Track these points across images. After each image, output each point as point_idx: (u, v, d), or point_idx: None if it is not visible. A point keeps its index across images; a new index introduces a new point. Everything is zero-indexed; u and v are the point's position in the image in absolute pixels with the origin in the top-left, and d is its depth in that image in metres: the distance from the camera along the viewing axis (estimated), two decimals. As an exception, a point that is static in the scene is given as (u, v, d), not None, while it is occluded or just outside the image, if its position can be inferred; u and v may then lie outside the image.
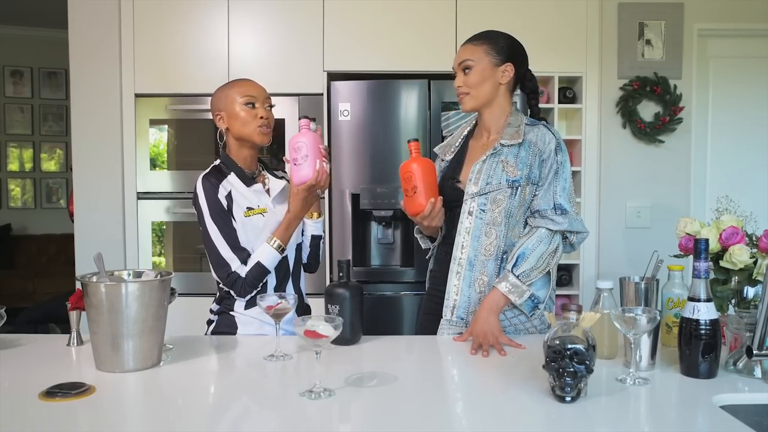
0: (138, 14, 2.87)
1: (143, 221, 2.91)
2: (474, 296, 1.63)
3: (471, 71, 1.64)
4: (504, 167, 1.61)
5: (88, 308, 1.32)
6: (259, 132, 1.65)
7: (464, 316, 1.63)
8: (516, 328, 1.62)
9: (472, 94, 1.65)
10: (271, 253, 1.61)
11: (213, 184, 1.63)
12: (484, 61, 1.64)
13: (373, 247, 2.90)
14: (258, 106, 1.66)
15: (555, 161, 1.61)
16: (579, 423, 1.06)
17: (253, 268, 1.60)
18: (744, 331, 1.32)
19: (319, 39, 2.87)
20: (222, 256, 1.60)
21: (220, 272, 1.61)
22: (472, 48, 1.66)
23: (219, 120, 1.68)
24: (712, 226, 1.52)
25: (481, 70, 1.64)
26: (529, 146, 1.62)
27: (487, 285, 1.62)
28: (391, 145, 2.82)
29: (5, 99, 6.31)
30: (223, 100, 1.67)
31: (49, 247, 6.25)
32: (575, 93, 3.00)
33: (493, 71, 1.64)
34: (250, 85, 1.68)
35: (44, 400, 1.14)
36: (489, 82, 1.64)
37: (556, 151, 1.61)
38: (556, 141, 1.62)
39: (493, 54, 1.64)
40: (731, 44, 3.12)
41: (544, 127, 1.64)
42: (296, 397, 1.16)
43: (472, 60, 1.64)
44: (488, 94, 1.65)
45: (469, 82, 1.64)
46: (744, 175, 3.13)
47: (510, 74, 1.65)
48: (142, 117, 2.91)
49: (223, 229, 1.60)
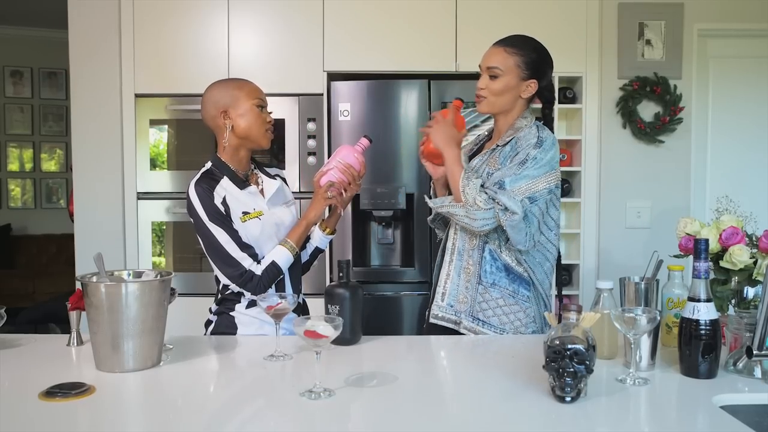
0: (138, 14, 2.87)
1: (143, 221, 2.91)
2: (462, 284, 1.67)
3: (497, 79, 1.65)
4: (489, 162, 1.66)
5: (88, 308, 1.32)
6: (266, 136, 1.68)
7: (453, 304, 1.67)
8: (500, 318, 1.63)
9: (490, 100, 1.67)
10: (285, 254, 1.63)
11: (206, 189, 1.60)
12: (513, 73, 1.64)
13: (373, 247, 2.90)
14: (265, 110, 1.68)
15: (526, 153, 1.59)
16: (579, 423, 1.06)
17: (269, 266, 1.60)
18: (744, 332, 1.32)
19: (320, 39, 2.87)
20: (232, 256, 1.58)
21: (231, 272, 1.59)
22: (505, 56, 1.65)
23: (223, 118, 1.64)
24: (712, 227, 1.52)
25: (507, 82, 1.64)
26: (515, 143, 1.64)
27: (473, 275, 1.66)
28: (391, 146, 2.82)
29: (5, 99, 6.32)
30: (228, 98, 1.64)
31: (49, 247, 6.25)
32: (575, 93, 3.00)
33: (518, 84, 1.65)
34: (257, 88, 1.69)
35: (44, 400, 1.14)
36: (511, 94, 1.66)
37: (535, 145, 1.60)
38: (538, 139, 1.61)
39: (523, 68, 1.64)
40: (731, 44, 3.12)
41: (535, 128, 1.65)
42: (296, 397, 1.16)
43: (501, 69, 1.64)
44: (506, 104, 1.67)
45: (493, 88, 1.65)
46: (744, 175, 3.13)
47: (532, 90, 1.67)
48: (142, 117, 2.91)
49: (226, 229, 1.59)
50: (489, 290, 1.64)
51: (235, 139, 1.65)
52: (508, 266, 1.65)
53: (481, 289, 1.65)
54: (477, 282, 1.66)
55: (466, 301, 1.66)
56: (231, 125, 1.64)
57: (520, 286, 1.65)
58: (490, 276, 1.65)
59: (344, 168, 1.68)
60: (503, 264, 1.65)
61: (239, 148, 1.67)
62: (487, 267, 1.65)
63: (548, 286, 1.71)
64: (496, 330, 1.63)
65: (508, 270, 1.65)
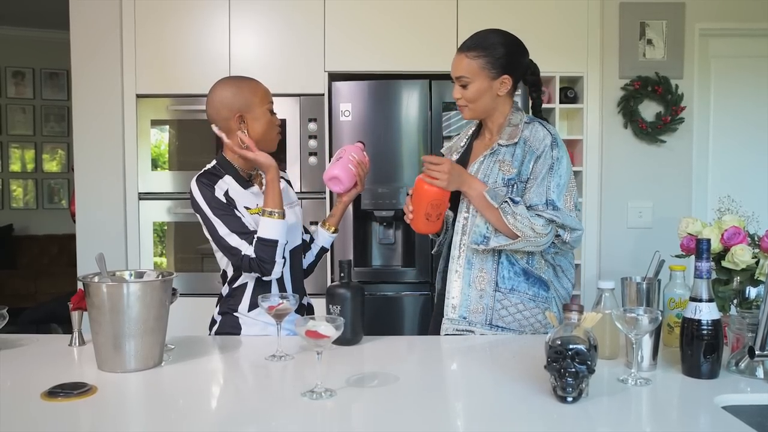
0: (139, 15, 2.87)
1: (144, 221, 2.92)
2: (474, 294, 1.62)
3: (468, 87, 1.63)
4: (500, 166, 1.62)
5: (90, 308, 1.32)
6: (276, 140, 1.70)
7: (466, 315, 1.63)
8: (520, 323, 1.62)
9: (471, 107, 1.66)
10: (267, 223, 1.57)
11: (207, 184, 1.61)
12: (480, 76, 1.62)
13: (374, 247, 2.90)
14: (274, 113, 1.69)
15: (550, 156, 1.59)
16: (580, 423, 1.06)
17: (256, 244, 1.57)
18: (746, 332, 1.32)
19: (321, 39, 2.87)
20: (232, 245, 1.57)
21: (234, 261, 1.59)
22: (468, 61, 1.62)
23: (238, 122, 1.63)
24: (714, 226, 1.51)
25: (478, 87, 1.63)
26: (524, 143, 1.62)
27: (489, 282, 1.62)
28: (392, 146, 2.82)
29: (7, 100, 6.32)
30: (242, 102, 1.63)
31: (51, 248, 6.26)
32: (576, 93, 3.00)
33: (491, 85, 1.63)
34: (268, 91, 1.69)
35: (46, 400, 1.14)
36: (487, 96, 1.64)
37: (552, 146, 1.60)
38: (552, 137, 1.61)
39: (489, 68, 1.61)
40: (733, 44, 3.11)
41: (539, 124, 1.64)
42: (297, 398, 1.16)
43: (468, 77, 1.62)
44: (487, 105, 1.65)
45: (467, 96, 1.64)
46: (746, 175, 3.12)
47: (508, 85, 1.65)
48: (144, 117, 2.91)
49: (227, 220, 1.59)
50: (508, 296, 1.62)
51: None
52: (527, 270, 1.63)
53: (499, 296, 1.62)
54: (494, 289, 1.62)
55: (481, 310, 1.62)
56: (246, 129, 1.64)
57: (540, 288, 1.64)
58: (509, 281, 1.62)
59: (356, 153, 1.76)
60: (522, 268, 1.63)
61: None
62: (505, 273, 1.62)
63: (569, 282, 1.70)
64: (516, 333, 1.62)
65: (527, 274, 1.63)
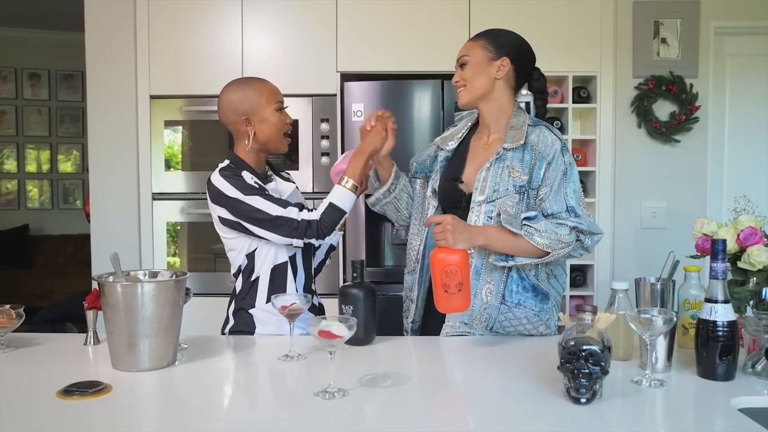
0: (153, 16, 2.89)
1: (158, 222, 2.94)
2: (479, 304, 1.59)
3: (466, 66, 1.65)
4: (510, 173, 1.59)
5: (105, 308, 1.33)
6: (285, 142, 1.69)
7: (468, 322, 1.61)
8: (520, 332, 1.61)
9: (468, 88, 1.66)
10: (343, 193, 1.59)
11: (233, 174, 1.61)
12: (480, 55, 1.65)
13: (387, 247, 2.90)
14: (284, 111, 1.68)
15: (562, 162, 1.58)
16: (594, 425, 1.06)
17: (327, 209, 1.57)
18: (762, 333, 1.30)
19: (333, 40, 2.88)
20: (279, 216, 1.55)
21: (285, 231, 1.56)
22: (470, 44, 1.68)
23: (245, 124, 1.64)
24: (729, 227, 1.50)
25: (476, 64, 1.64)
26: (531, 149, 1.60)
27: (495, 294, 1.59)
28: (405, 146, 2.81)
29: (23, 101, 6.40)
30: (248, 104, 1.63)
31: (66, 248, 6.32)
32: (590, 92, 2.98)
33: (488, 65, 1.64)
34: (276, 90, 1.68)
35: (62, 398, 1.16)
36: (483, 76, 1.64)
37: (562, 152, 1.59)
38: (561, 142, 1.60)
39: (489, 48, 1.64)
40: (749, 42, 3.07)
41: (545, 129, 1.62)
42: (310, 397, 1.16)
43: (468, 56, 1.66)
44: (483, 87, 1.65)
45: (464, 75, 1.66)
46: (762, 175, 3.09)
47: (506, 69, 1.64)
48: (157, 118, 2.93)
49: (266, 197, 1.58)
50: (513, 310, 1.60)
51: (256, 144, 1.67)
52: (536, 286, 1.61)
53: (504, 309, 1.60)
54: (500, 302, 1.59)
55: (484, 320, 1.60)
56: (253, 131, 1.64)
57: (544, 303, 1.63)
58: (516, 296, 1.59)
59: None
60: (531, 284, 1.60)
61: (258, 152, 1.69)
62: (513, 287, 1.59)
63: (561, 287, 1.69)
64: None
65: (535, 290, 1.61)
